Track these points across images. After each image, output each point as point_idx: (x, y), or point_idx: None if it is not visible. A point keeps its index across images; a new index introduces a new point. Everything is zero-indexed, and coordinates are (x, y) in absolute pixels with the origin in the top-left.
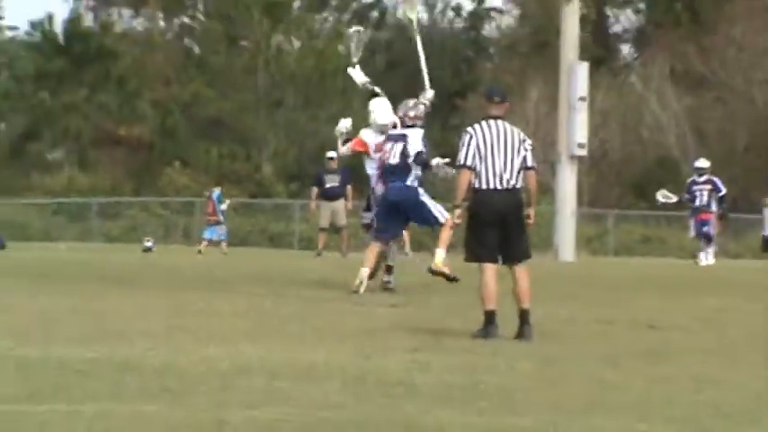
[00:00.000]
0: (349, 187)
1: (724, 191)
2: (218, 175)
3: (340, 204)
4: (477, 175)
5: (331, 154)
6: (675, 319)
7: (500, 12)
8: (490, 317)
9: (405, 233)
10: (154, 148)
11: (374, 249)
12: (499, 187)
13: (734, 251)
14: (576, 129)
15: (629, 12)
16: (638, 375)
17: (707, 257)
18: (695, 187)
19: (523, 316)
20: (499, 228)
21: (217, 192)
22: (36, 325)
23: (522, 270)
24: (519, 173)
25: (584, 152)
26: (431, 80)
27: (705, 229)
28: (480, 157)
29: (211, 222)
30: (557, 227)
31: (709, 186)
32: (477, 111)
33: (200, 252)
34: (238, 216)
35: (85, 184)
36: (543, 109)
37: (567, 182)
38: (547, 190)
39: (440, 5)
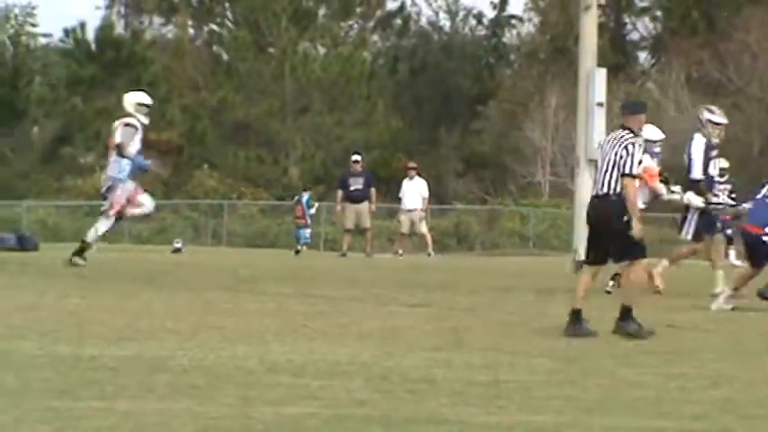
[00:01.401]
0: (373, 190)
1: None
2: (243, 177)
3: (364, 207)
4: None
5: (356, 157)
6: (690, 319)
7: (520, 20)
8: (572, 315)
9: (428, 234)
10: (183, 152)
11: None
12: (592, 194)
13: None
14: (594, 134)
15: (646, 20)
16: (654, 373)
17: (731, 258)
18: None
19: (621, 311)
20: (597, 232)
21: (306, 196)
22: (69, 324)
23: (628, 269)
24: (613, 180)
25: None
26: (452, 87)
27: (729, 231)
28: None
29: (301, 225)
30: (575, 229)
31: (729, 186)
32: (497, 116)
33: (297, 252)
34: (266, 218)
35: None
36: (562, 114)
37: (585, 185)
38: (566, 193)
39: (462, 13)
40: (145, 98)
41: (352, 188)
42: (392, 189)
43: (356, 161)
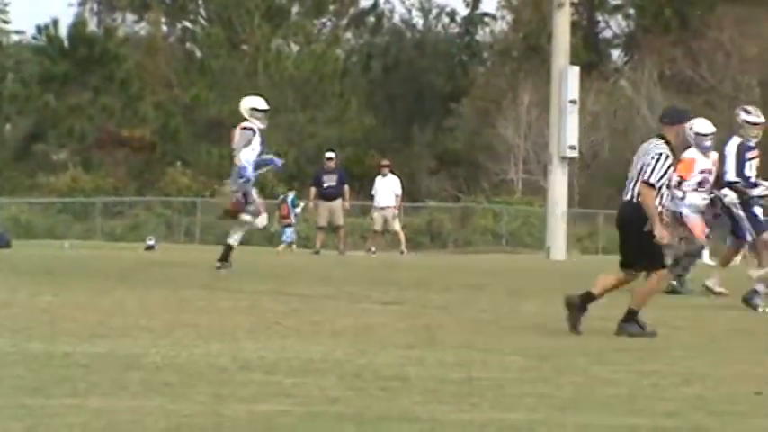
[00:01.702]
0: (346, 187)
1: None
2: (216, 175)
3: (337, 204)
4: None
5: (329, 154)
6: (663, 316)
7: (493, 17)
8: (585, 295)
9: (401, 232)
10: (156, 150)
11: None
12: (621, 198)
13: (720, 251)
14: (567, 131)
15: (619, 17)
16: (627, 371)
17: (703, 256)
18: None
19: (626, 313)
20: (621, 236)
21: (291, 195)
22: (41, 321)
23: (647, 277)
24: (637, 188)
25: (574, 154)
26: (425, 84)
27: (706, 231)
28: None
29: (285, 225)
30: (548, 226)
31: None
32: (470, 113)
33: (278, 252)
34: None
35: (89, 184)
36: (535, 112)
37: (558, 183)
38: (539, 190)
39: (435, 11)
40: (259, 103)
41: (325, 185)
42: (365, 186)
43: (330, 158)
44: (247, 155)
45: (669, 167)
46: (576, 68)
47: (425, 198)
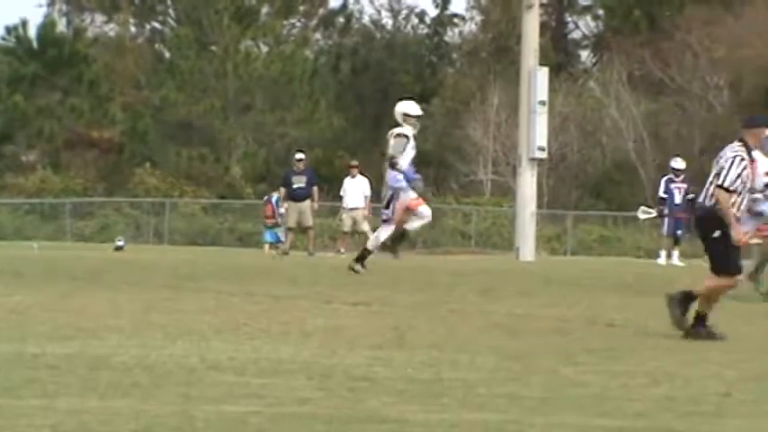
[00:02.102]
0: (315, 188)
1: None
2: (185, 176)
3: (307, 205)
4: None
5: (299, 155)
6: (632, 317)
7: (462, 18)
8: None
9: (370, 233)
10: (125, 150)
11: None
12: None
13: (690, 251)
14: (537, 132)
15: (588, 18)
16: (596, 371)
17: (673, 258)
18: (672, 185)
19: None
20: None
21: (275, 196)
22: (10, 321)
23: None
24: (711, 190)
25: (543, 155)
26: (394, 85)
27: (679, 232)
28: None
29: (270, 225)
30: (517, 227)
31: (685, 185)
32: (439, 114)
33: (274, 257)
34: (208, 216)
35: (58, 184)
36: (504, 113)
37: (527, 184)
38: (508, 191)
39: (404, 11)
40: (411, 109)
41: (294, 186)
42: (334, 187)
43: (299, 159)
44: (403, 161)
45: (744, 169)
46: (545, 69)
47: None
